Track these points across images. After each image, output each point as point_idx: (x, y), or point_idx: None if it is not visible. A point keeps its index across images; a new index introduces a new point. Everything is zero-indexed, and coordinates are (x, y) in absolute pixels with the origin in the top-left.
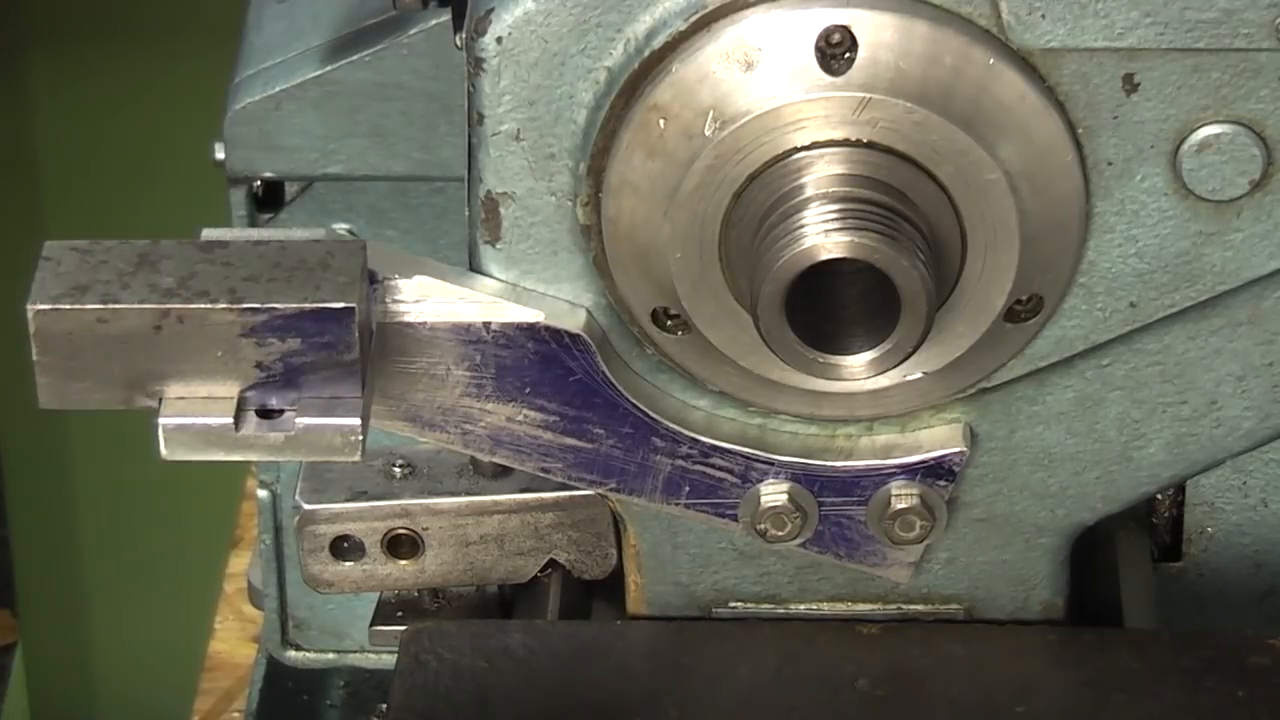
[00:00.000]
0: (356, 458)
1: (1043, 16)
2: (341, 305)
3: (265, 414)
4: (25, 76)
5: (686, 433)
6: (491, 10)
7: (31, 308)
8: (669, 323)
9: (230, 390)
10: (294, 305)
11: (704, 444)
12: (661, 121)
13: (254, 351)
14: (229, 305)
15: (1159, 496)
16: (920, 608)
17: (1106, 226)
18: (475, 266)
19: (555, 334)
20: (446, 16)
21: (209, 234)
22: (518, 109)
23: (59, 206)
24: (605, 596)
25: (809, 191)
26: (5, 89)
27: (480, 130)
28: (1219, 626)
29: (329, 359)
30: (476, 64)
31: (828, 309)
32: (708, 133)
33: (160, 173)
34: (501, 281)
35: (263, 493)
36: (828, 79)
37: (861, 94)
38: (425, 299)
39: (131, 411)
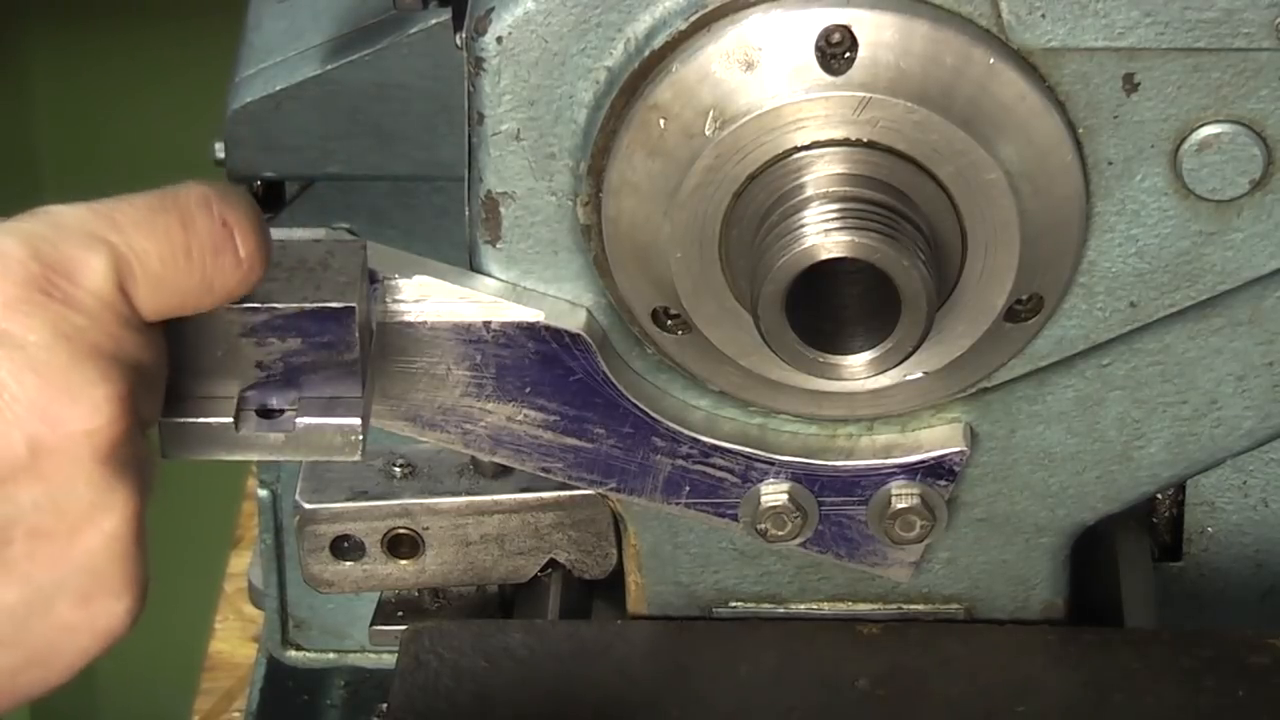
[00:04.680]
0: (356, 457)
1: (1043, 16)
2: (342, 305)
3: (265, 414)
4: (26, 81)
5: (687, 432)
6: (491, 10)
7: None
8: (669, 322)
9: (230, 390)
10: (294, 305)
11: (704, 444)
12: (662, 121)
13: (254, 351)
14: (229, 305)
15: (1159, 496)
16: (920, 608)
17: (1107, 226)
18: (475, 266)
19: (555, 334)
20: (446, 16)
21: None
22: (518, 109)
23: None
24: (605, 596)
25: (809, 191)
26: (4, 93)
27: (480, 130)
28: (1219, 626)
29: (329, 359)
30: (476, 64)
31: (828, 309)
32: (708, 132)
33: (160, 173)
34: (502, 281)
35: (263, 493)
36: (828, 78)
37: (862, 94)
38: (425, 299)
39: None
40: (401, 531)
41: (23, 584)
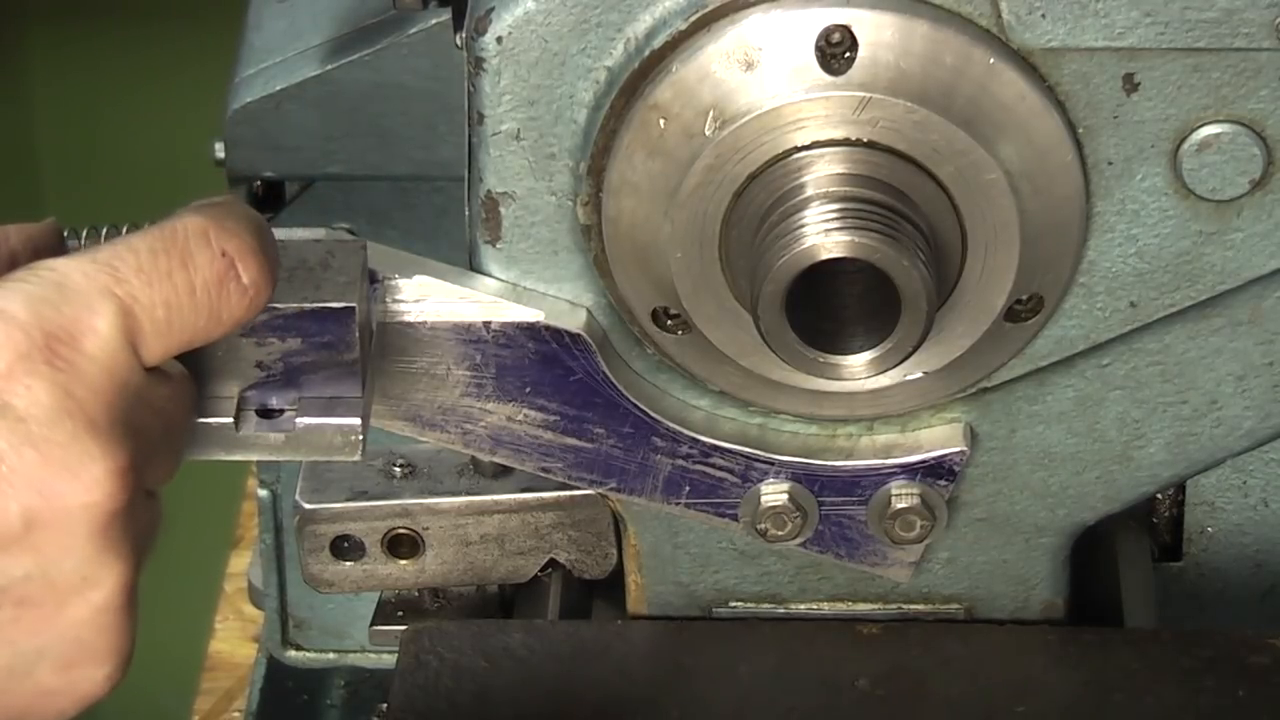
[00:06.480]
0: (356, 457)
1: (1043, 16)
2: (342, 305)
3: (265, 414)
4: (26, 81)
5: (687, 432)
6: (491, 10)
7: None
8: (669, 322)
9: (230, 390)
10: (294, 305)
11: (704, 444)
12: (662, 121)
13: (254, 351)
14: None
15: (1159, 496)
16: (920, 608)
17: (1107, 226)
18: (475, 266)
19: (555, 334)
20: (446, 16)
21: None
22: (518, 109)
23: (58, 208)
24: (605, 596)
25: (809, 191)
26: (4, 93)
27: (480, 130)
28: (1219, 626)
29: (329, 359)
30: (476, 64)
31: (828, 309)
32: (708, 132)
33: (160, 172)
34: (502, 281)
35: (263, 492)
36: (828, 78)
37: (862, 93)
38: (425, 299)
39: None
40: (401, 531)
41: (4, 649)
